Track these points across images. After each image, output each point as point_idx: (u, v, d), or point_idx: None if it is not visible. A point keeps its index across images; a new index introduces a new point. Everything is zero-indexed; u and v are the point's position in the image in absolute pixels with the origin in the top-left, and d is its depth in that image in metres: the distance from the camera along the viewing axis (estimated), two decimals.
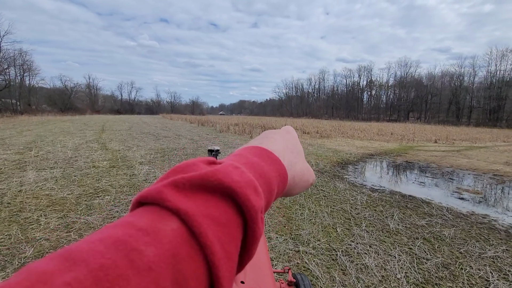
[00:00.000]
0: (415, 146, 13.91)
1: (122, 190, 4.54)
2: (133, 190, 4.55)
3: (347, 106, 79.24)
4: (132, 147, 9.25)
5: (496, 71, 49.66)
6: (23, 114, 35.21)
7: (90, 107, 71.96)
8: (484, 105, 50.20)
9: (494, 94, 47.92)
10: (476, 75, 55.24)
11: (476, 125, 44.93)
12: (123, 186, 4.75)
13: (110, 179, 5.11)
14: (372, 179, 6.55)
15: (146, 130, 16.61)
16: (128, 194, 4.36)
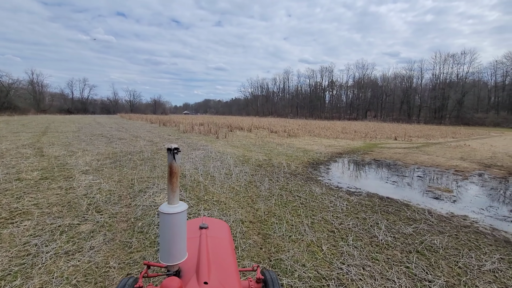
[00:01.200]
0: (378, 143, 14.35)
1: (50, 211, 3.52)
2: (66, 211, 3.56)
3: (310, 106, 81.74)
4: (77, 152, 7.89)
5: (440, 74, 55.25)
6: None
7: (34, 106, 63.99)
8: (430, 104, 55.40)
9: (439, 94, 53.13)
10: (423, 77, 60.91)
11: (424, 122, 49.32)
12: (53, 205, 3.72)
13: (36, 196, 4.01)
14: (346, 180, 6.27)
15: (99, 132, 14.81)
16: (58, 216, 3.37)
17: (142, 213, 3.59)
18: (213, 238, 1.48)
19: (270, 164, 7.55)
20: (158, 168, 6.20)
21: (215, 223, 1.71)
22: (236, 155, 8.67)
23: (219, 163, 7.22)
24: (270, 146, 11.36)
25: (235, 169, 6.64)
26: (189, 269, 1.20)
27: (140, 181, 5.10)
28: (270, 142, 12.80)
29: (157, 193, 4.45)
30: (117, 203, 3.91)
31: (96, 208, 3.68)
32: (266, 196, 4.68)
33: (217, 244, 1.44)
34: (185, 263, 1.22)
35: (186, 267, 1.21)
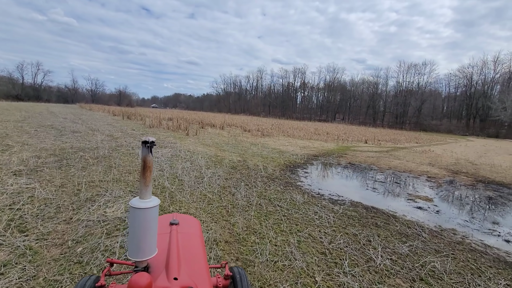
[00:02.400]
0: (350, 146, 14.49)
1: None
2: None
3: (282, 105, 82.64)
4: (13, 146, 6.55)
5: (403, 82, 59.15)
6: None
7: None
8: (393, 110, 59.08)
9: (401, 101, 56.83)
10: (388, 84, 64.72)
11: (388, 126, 52.37)
12: None
13: None
14: (327, 186, 5.90)
15: (49, 123, 12.98)
16: None
17: (85, 232, 2.77)
18: (183, 234, 1.47)
19: (245, 166, 6.95)
20: (115, 169, 5.26)
21: (186, 219, 1.70)
22: (208, 155, 7.92)
23: (188, 164, 6.43)
24: (244, 146, 10.76)
25: (207, 171, 5.92)
26: (159, 265, 1.18)
27: (90, 186, 4.18)
28: (243, 141, 12.19)
29: (109, 202, 3.60)
30: (52, 218, 3.01)
31: (20, 225, 2.77)
32: (244, 206, 4.07)
33: (187, 240, 1.42)
34: (154, 259, 1.20)
35: (155, 263, 1.20)
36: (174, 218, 1.61)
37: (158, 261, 1.20)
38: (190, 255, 1.29)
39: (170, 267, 1.13)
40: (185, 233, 1.50)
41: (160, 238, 1.30)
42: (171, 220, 1.57)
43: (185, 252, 1.29)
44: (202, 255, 1.36)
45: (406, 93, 57.26)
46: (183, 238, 1.43)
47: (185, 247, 1.34)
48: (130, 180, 4.73)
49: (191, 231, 1.57)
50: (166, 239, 1.37)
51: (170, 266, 1.14)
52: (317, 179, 6.55)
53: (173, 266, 1.14)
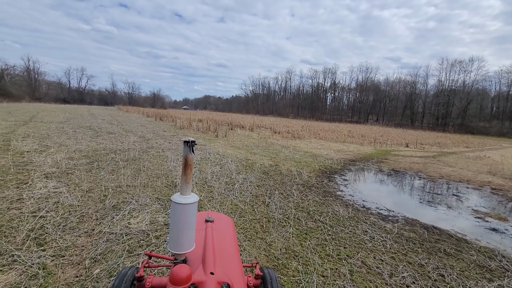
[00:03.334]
0: (390, 150, 13.29)
1: None
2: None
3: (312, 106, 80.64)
4: (51, 146, 6.72)
5: (446, 80, 54.31)
6: None
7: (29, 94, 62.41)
8: (434, 111, 54.50)
9: (443, 101, 52.22)
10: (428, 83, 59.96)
11: (428, 129, 48.39)
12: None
13: None
14: (371, 197, 5.17)
15: (88, 124, 13.61)
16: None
17: (105, 249, 2.46)
18: (218, 232, 1.50)
19: (278, 171, 6.44)
20: (143, 174, 5.06)
21: (220, 218, 1.73)
22: (238, 158, 7.54)
23: (218, 168, 6.09)
24: (275, 149, 10.25)
25: (238, 177, 5.51)
26: (196, 260, 1.21)
27: (117, 192, 3.96)
28: (274, 144, 11.68)
29: (134, 211, 3.31)
30: (74, 229, 2.77)
31: (39, 237, 2.54)
32: (280, 220, 3.57)
33: (222, 238, 1.46)
34: (191, 253, 1.24)
35: (192, 257, 1.24)
36: (209, 216, 1.63)
37: (195, 255, 1.24)
38: (224, 252, 1.32)
39: (207, 262, 1.15)
40: (219, 230, 1.53)
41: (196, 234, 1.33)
42: (206, 218, 1.60)
43: (219, 249, 1.31)
44: (236, 253, 1.38)
45: (449, 92, 52.46)
46: (218, 235, 1.46)
47: (219, 244, 1.36)
48: (157, 185, 4.47)
49: (225, 229, 1.60)
50: (202, 235, 1.41)
51: (207, 261, 1.16)
52: (358, 188, 5.83)
53: (209, 261, 1.16)
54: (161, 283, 1.23)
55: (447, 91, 52.97)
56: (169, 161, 6.28)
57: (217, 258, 1.22)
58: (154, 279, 1.23)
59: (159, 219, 3.18)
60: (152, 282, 1.22)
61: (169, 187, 4.45)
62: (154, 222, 3.10)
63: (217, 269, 1.12)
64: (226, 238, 1.50)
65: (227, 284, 1.07)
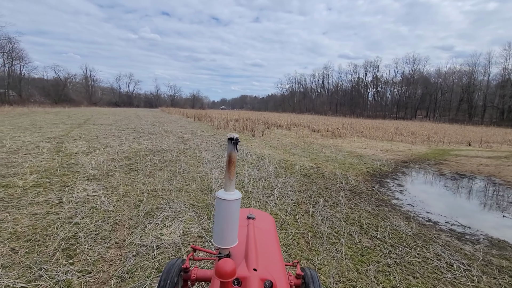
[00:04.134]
0: (449, 150, 11.65)
1: (13, 248, 2.32)
2: (20, 255, 2.33)
3: (351, 103, 76.59)
4: (98, 148, 7.02)
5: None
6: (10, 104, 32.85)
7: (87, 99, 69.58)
8: (498, 104, 47.52)
9: (510, 92, 45.25)
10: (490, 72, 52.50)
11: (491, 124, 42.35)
12: (11, 239, 2.52)
13: (2, 219, 2.88)
14: (437, 208, 4.33)
15: (133, 125, 14.38)
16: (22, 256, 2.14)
17: (134, 265, 2.22)
18: (260, 229, 1.51)
19: (320, 174, 5.86)
20: (179, 176, 4.90)
21: (261, 215, 1.74)
22: (276, 159, 7.11)
23: (255, 171, 5.73)
24: (315, 148, 9.59)
25: (277, 181, 5.08)
26: (239, 255, 1.23)
27: (152, 196, 3.81)
28: (313, 143, 11.00)
29: (168, 220, 3.08)
30: (105, 238, 2.60)
31: (70, 247, 2.41)
32: (328, 235, 3.05)
33: (263, 235, 1.46)
34: (235, 249, 1.26)
35: (235, 253, 1.26)
36: (251, 213, 1.66)
37: (238, 251, 1.26)
38: (266, 250, 1.32)
39: (249, 258, 1.17)
40: (261, 228, 1.54)
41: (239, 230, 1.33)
42: (248, 215, 1.62)
43: (261, 246, 1.32)
44: (277, 251, 1.38)
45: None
46: (259, 232, 1.47)
47: (261, 241, 1.37)
48: (193, 189, 4.24)
49: (266, 227, 1.60)
50: (244, 231, 1.42)
51: (249, 257, 1.18)
52: (418, 195, 4.98)
53: (252, 257, 1.18)
54: (205, 275, 1.31)
55: None
56: (206, 163, 6.10)
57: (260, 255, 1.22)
58: (198, 271, 1.31)
59: (193, 230, 2.90)
60: (197, 273, 1.30)
61: (204, 191, 4.20)
62: (187, 233, 2.83)
63: (260, 266, 1.13)
64: (268, 236, 1.50)
65: (270, 281, 1.07)
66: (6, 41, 39.03)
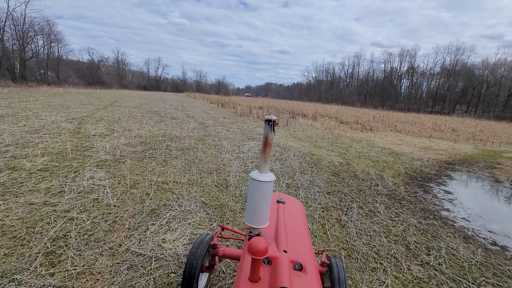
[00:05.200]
0: (501, 151, 10.22)
1: None
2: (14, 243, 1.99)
3: (382, 94, 72.27)
4: (116, 131, 6.82)
5: None
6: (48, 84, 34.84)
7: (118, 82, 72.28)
8: None
9: None
10: None
11: None
12: (6, 233, 2.20)
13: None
14: (499, 225, 3.51)
15: (156, 109, 14.32)
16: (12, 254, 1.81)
17: (124, 282, 1.79)
18: (289, 214, 1.54)
19: (351, 173, 5.17)
20: (194, 167, 4.47)
21: (291, 200, 1.78)
22: (301, 153, 6.47)
23: (278, 165, 5.16)
24: (344, 142, 8.78)
25: (302, 178, 4.49)
26: (269, 236, 1.26)
27: (161, 190, 3.40)
28: (342, 136, 10.14)
29: (173, 221, 2.65)
30: (99, 241, 2.21)
31: (55, 252, 2.04)
32: (366, 256, 2.44)
33: (293, 219, 1.50)
34: (264, 230, 1.30)
35: (265, 233, 1.29)
36: (280, 197, 1.69)
37: (268, 232, 1.30)
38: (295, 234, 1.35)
39: (279, 240, 1.20)
40: (290, 212, 1.57)
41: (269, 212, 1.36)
42: (278, 199, 1.65)
43: (291, 230, 1.35)
44: (307, 236, 1.40)
45: None
46: (289, 216, 1.50)
47: (291, 225, 1.40)
48: (207, 183, 3.79)
49: (295, 212, 1.64)
50: (274, 214, 1.46)
51: (279, 239, 1.21)
52: (472, 207, 4.14)
53: (282, 239, 1.21)
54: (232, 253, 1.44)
55: None
56: (224, 153, 5.63)
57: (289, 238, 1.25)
58: (226, 249, 1.45)
59: None
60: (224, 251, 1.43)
61: (220, 187, 3.73)
62: (194, 240, 2.37)
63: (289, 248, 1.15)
64: (297, 221, 1.53)
65: (300, 264, 1.09)
66: (45, 24, 40.97)
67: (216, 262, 1.48)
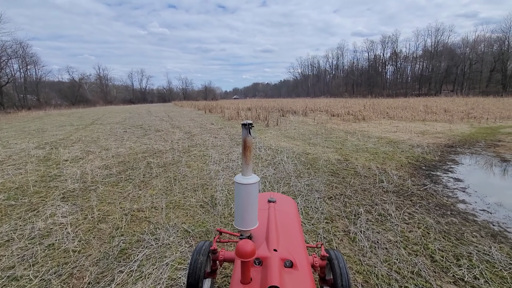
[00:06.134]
0: (498, 127, 9.98)
1: None
2: None
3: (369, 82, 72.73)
4: (92, 152, 6.24)
5: None
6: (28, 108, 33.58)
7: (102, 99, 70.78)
8: None
9: None
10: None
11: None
12: None
13: None
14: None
15: (140, 122, 13.70)
16: None
17: None
18: (281, 212, 1.56)
19: (351, 170, 4.73)
20: (178, 185, 3.96)
21: (282, 199, 1.80)
22: (295, 153, 6.02)
23: (271, 171, 4.69)
24: (338, 136, 8.37)
25: (299, 183, 4.03)
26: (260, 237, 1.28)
27: (136, 220, 2.88)
28: (335, 130, 9.75)
29: (148, 262, 2.14)
30: None
31: None
32: (386, 278, 1.98)
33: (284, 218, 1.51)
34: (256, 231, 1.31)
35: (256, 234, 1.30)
36: (272, 196, 1.72)
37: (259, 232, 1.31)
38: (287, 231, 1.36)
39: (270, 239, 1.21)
40: (282, 211, 1.60)
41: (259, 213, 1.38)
42: (269, 198, 1.69)
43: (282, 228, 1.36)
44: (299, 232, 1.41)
45: None
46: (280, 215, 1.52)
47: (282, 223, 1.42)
48: (191, 204, 3.28)
49: (287, 210, 1.66)
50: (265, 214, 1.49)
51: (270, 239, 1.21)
52: (488, 194, 3.75)
53: (272, 238, 1.21)
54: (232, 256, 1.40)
55: None
56: (212, 163, 5.13)
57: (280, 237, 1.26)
58: (226, 253, 1.42)
59: (183, 279, 1.93)
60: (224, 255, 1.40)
61: (206, 206, 3.23)
62: (173, 286, 1.87)
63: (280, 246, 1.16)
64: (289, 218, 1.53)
65: (290, 261, 1.10)
66: (18, 46, 39.57)
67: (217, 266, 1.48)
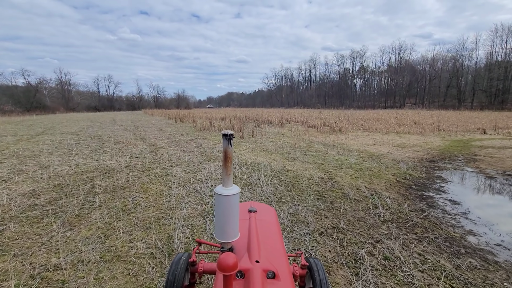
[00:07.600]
0: (468, 140, 10.18)
1: None
2: None
3: (339, 94, 75.67)
4: (25, 172, 5.00)
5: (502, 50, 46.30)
6: None
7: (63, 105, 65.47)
8: (486, 87, 47.20)
9: (496, 75, 44.98)
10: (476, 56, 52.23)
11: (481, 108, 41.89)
12: None
13: None
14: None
15: (99, 133, 12.21)
16: None
17: None
18: (261, 221, 1.51)
19: (338, 192, 4.11)
20: (125, 219, 3.01)
21: (263, 208, 1.75)
22: (274, 170, 5.31)
23: (247, 194, 3.90)
24: (318, 149, 7.86)
25: (281, 211, 3.28)
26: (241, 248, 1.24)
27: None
28: (313, 142, 9.27)
29: None
30: None
31: None
32: None
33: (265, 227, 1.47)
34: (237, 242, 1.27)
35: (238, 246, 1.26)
36: (252, 206, 1.67)
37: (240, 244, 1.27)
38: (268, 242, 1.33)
39: (252, 251, 1.17)
40: (262, 220, 1.54)
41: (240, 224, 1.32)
42: (249, 208, 1.63)
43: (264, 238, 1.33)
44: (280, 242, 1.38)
45: (506, 64, 44.97)
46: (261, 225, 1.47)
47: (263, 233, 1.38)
48: (139, 253, 2.37)
49: (268, 219, 1.60)
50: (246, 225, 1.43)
51: (252, 250, 1.18)
52: (495, 221, 3.30)
53: (254, 250, 1.18)
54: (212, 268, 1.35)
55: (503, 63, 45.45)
56: (175, 187, 4.21)
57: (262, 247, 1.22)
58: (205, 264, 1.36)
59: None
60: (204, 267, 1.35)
61: (158, 256, 2.34)
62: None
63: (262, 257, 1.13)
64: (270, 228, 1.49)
65: (272, 272, 1.09)
66: None
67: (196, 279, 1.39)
